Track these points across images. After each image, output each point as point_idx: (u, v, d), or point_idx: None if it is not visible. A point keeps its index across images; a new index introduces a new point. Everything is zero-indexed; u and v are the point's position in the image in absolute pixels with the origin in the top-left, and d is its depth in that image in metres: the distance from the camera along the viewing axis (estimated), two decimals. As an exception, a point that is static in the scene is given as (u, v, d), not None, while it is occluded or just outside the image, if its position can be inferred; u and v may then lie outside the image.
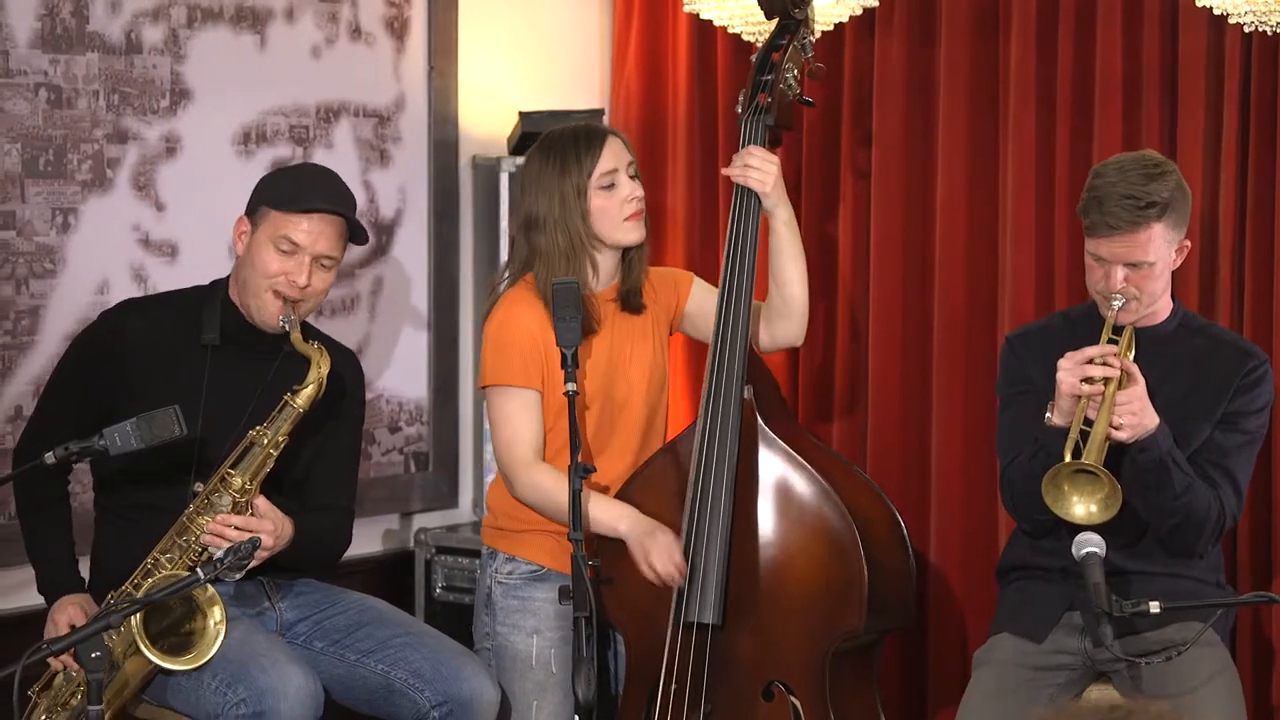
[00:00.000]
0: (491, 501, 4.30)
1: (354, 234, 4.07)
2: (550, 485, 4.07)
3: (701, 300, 4.33)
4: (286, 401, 3.91)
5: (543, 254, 4.14)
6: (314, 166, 4.36)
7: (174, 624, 3.81)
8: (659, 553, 4.03)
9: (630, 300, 4.23)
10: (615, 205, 4.16)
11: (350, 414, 4.19)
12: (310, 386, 3.91)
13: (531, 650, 4.16)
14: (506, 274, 4.25)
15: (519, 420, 4.13)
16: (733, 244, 4.20)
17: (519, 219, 4.24)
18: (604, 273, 4.20)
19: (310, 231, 3.96)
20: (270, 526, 3.87)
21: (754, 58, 4.34)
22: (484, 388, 4.22)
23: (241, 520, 3.85)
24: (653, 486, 4.15)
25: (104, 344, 4.03)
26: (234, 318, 4.04)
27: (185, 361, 4.00)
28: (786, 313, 4.28)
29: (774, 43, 4.33)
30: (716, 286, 4.27)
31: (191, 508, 3.88)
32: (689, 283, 4.37)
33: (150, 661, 3.74)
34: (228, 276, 4.09)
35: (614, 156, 4.17)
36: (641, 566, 4.05)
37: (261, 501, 3.89)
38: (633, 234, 4.20)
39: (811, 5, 4.39)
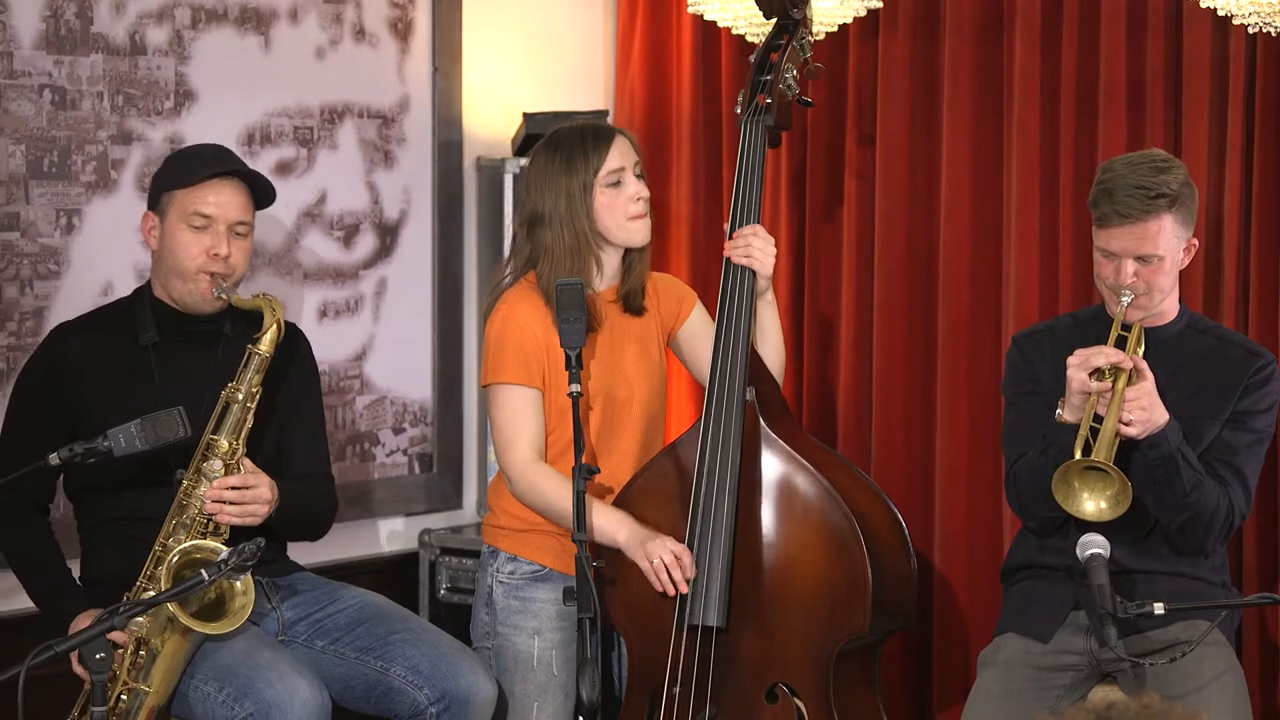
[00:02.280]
0: (493, 500, 4.28)
1: (260, 197, 4.07)
2: (549, 488, 4.07)
3: (696, 330, 4.32)
4: (250, 351, 3.94)
5: (548, 250, 4.14)
6: (201, 145, 4.36)
7: (205, 602, 3.83)
8: (664, 553, 4.02)
9: (631, 301, 4.23)
10: (621, 203, 4.15)
11: (308, 382, 4.20)
12: (270, 331, 3.94)
13: (533, 651, 4.16)
14: (509, 271, 4.25)
15: (519, 419, 4.12)
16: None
17: (523, 215, 4.23)
18: (607, 272, 4.20)
19: (218, 202, 3.98)
20: (267, 481, 3.91)
21: (752, 58, 4.32)
22: (485, 386, 4.21)
23: (238, 479, 3.88)
24: (653, 490, 4.14)
25: (49, 373, 4.02)
26: (167, 314, 4.04)
27: (131, 367, 4.00)
28: None
29: (772, 43, 4.32)
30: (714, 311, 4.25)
31: (185, 484, 3.88)
32: (692, 304, 4.35)
33: (187, 635, 3.78)
34: (148, 281, 4.09)
35: (621, 155, 4.16)
36: (649, 575, 4.03)
37: (249, 463, 3.91)
38: (638, 235, 4.19)
39: (810, 5, 4.37)
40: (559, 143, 4.19)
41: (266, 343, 3.94)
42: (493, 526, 4.25)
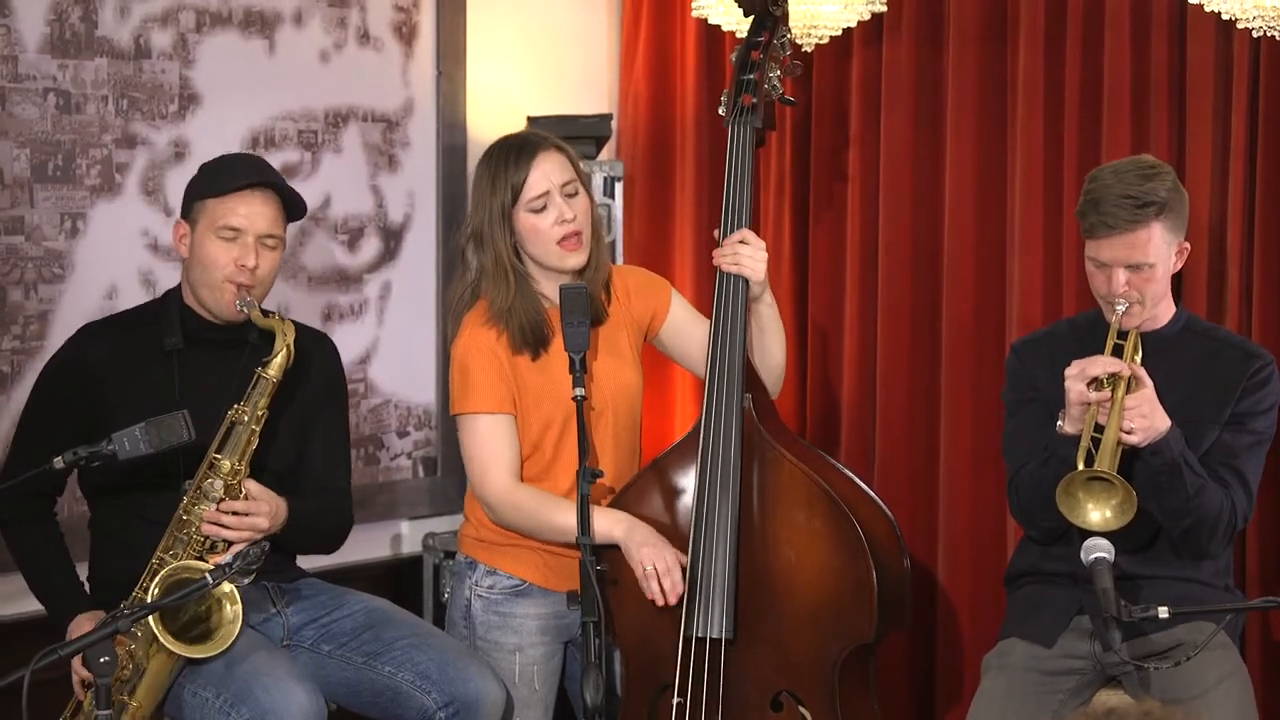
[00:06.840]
0: (470, 510, 4.22)
1: (291, 209, 4.04)
2: (533, 505, 4.05)
3: (679, 326, 4.24)
4: (259, 375, 3.92)
5: (485, 271, 4.08)
6: (235, 154, 4.34)
7: (193, 618, 3.83)
8: (659, 559, 4.00)
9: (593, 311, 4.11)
10: (546, 228, 4.05)
11: (333, 395, 4.17)
12: (279, 355, 3.92)
13: (514, 668, 4.12)
14: (465, 290, 4.14)
15: (494, 446, 4.07)
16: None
17: (465, 231, 4.15)
18: (552, 292, 4.06)
19: (247, 214, 3.95)
20: (266, 508, 3.89)
21: (733, 57, 4.23)
22: (455, 415, 4.14)
23: (240, 506, 3.87)
24: (648, 499, 4.09)
25: (72, 372, 4.00)
26: (193, 320, 4.03)
27: (154, 372, 3.99)
28: (767, 381, 4.19)
29: (752, 40, 4.21)
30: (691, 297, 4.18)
31: (185, 500, 3.87)
32: (668, 298, 4.25)
33: (173, 654, 3.76)
34: (178, 285, 4.08)
35: (545, 176, 4.05)
36: (637, 570, 4.01)
37: (252, 484, 3.89)
38: (570, 261, 4.08)
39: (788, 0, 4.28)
40: (491, 155, 4.11)
41: (275, 367, 3.91)
42: (470, 538, 4.20)
